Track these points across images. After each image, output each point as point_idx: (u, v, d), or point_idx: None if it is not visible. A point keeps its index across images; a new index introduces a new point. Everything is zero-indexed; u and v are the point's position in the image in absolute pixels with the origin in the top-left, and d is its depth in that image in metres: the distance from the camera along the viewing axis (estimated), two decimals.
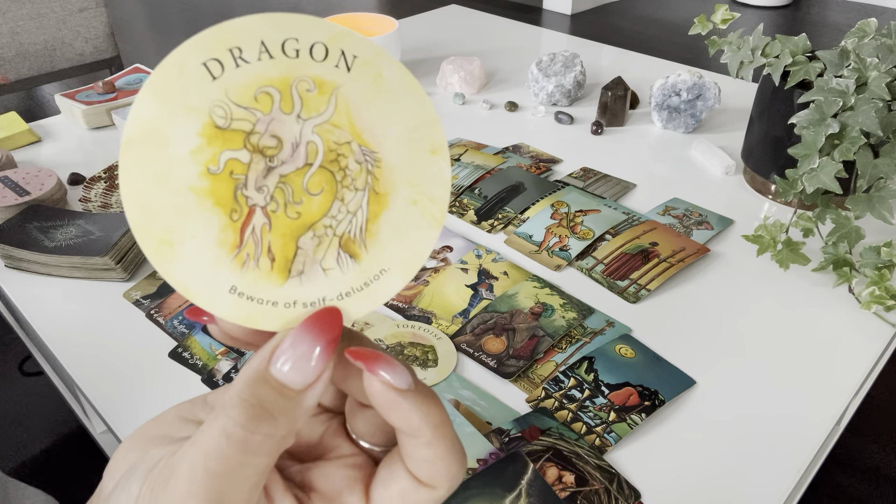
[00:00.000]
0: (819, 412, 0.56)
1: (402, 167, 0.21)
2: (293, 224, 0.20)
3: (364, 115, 0.20)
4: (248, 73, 0.19)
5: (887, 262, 0.65)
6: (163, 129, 0.19)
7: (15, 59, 2.11)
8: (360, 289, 0.21)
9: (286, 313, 0.21)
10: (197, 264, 0.20)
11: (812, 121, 0.66)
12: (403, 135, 0.20)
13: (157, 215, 0.19)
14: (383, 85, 0.20)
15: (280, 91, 0.19)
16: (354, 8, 3.50)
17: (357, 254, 0.21)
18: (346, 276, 0.21)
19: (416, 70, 1.22)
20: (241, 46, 0.18)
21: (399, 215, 0.21)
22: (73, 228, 0.70)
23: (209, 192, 0.19)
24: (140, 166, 0.19)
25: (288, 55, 0.19)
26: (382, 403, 0.21)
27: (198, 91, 0.18)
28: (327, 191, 0.20)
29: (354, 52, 0.19)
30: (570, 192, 0.82)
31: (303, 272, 0.21)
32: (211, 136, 0.19)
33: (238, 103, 0.19)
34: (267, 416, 0.19)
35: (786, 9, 3.45)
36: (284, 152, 0.20)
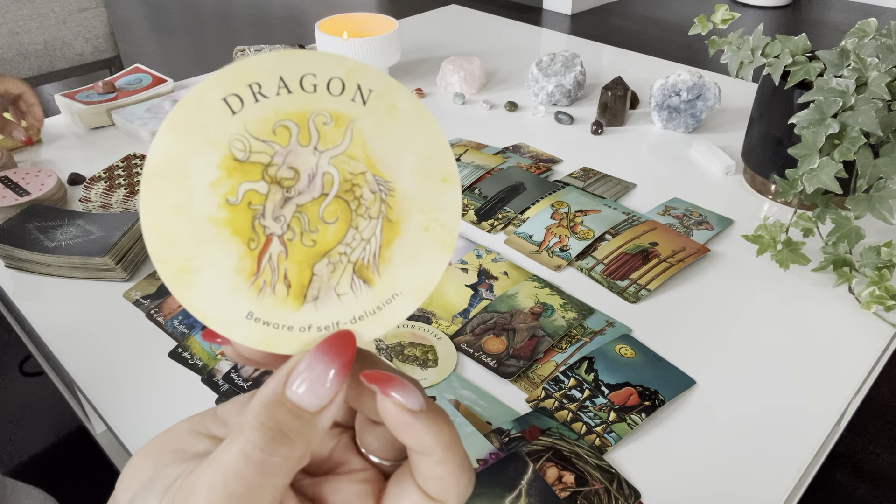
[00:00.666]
0: (819, 412, 0.56)
1: (415, 195, 0.21)
2: (309, 252, 0.21)
3: (378, 146, 0.21)
4: (267, 108, 0.19)
5: (887, 262, 0.65)
6: (183, 162, 0.19)
7: (15, 59, 2.11)
8: (373, 312, 0.22)
9: (302, 337, 0.21)
10: (215, 291, 0.20)
11: (812, 121, 0.66)
12: (416, 164, 0.21)
13: (177, 245, 0.20)
14: (397, 117, 0.21)
15: (298, 124, 0.20)
16: (354, 8, 3.50)
17: (370, 279, 0.22)
18: (360, 300, 0.22)
19: (416, 70, 1.22)
20: (260, 82, 0.19)
21: (411, 242, 0.22)
22: (73, 228, 0.70)
23: (228, 223, 0.20)
24: (160, 198, 0.19)
25: (306, 90, 0.20)
26: (395, 424, 0.21)
27: (217, 125, 0.19)
28: (342, 219, 0.21)
29: (370, 86, 0.20)
30: (570, 192, 0.82)
31: (318, 297, 0.21)
32: (230, 169, 0.20)
33: (257, 137, 0.20)
34: (284, 438, 0.20)
35: (786, 9, 3.45)
36: (301, 183, 0.20)
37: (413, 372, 0.58)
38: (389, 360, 0.59)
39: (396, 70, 1.21)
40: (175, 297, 0.21)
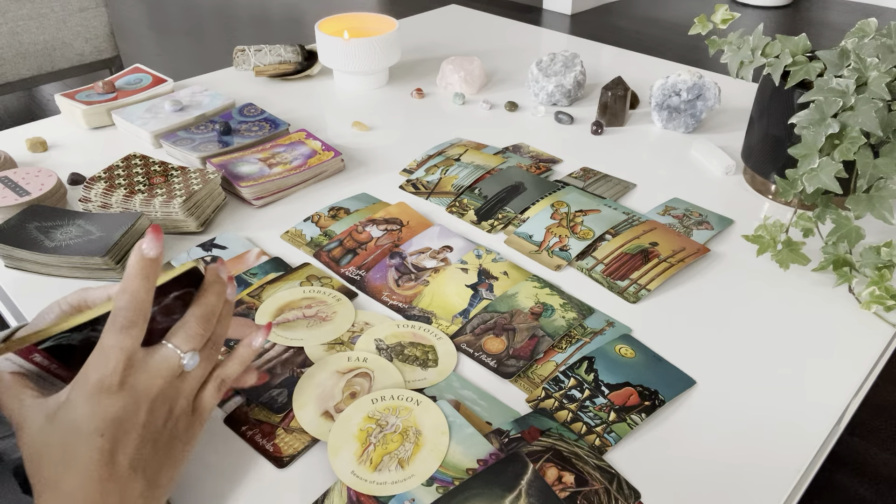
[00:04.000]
0: (819, 412, 0.56)
1: (429, 437, 0.52)
2: (383, 451, 0.51)
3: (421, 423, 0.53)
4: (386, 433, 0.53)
5: (887, 262, 0.65)
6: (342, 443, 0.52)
7: (15, 59, 2.10)
8: (402, 480, 0.49)
9: (369, 485, 0.49)
10: (345, 460, 0.50)
11: (812, 121, 0.66)
12: (437, 427, 0.53)
13: (339, 442, 0.52)
14: None
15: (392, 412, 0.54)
16: (354, 8, 3.50)
17: (403, 466, 0.50)
18: (398, 473, 0.49)
19: (416, 70, 1.22)
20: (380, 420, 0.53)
21: (424, 452, 0.51)
22: (73, 228, 0.70)
23: (357, 437, 0.52)
24: (336, 436, 0.52)
25: None
26: None
27: (357, 433, 0.52)
28: (398, 440, 0.51)
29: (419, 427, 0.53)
30: (570, 192, 0.82)
31: (381, 470, 0.49)
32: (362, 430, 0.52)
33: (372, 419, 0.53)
34: None
35: (786, 9, 3.45)
36: (389, 426, 0.52)
37: (413, 372, 0.58)
38: (389, 360, 0.59)
39: (396, 70, 1.21)
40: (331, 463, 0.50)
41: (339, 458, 0.50)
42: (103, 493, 0.39)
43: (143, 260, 0.41)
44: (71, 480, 0.39)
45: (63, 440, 0.40)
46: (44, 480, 0.39)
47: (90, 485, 0.39)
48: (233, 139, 0.92)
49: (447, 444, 0.51)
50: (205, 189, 0.78)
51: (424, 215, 0.80)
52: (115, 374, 0.40)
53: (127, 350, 0.41)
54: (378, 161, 0.93)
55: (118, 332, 0.41)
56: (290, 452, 0.51)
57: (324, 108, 1.08)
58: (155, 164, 0.81)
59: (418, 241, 0.74)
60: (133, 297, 0.41)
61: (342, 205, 0.81)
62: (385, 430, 0.52)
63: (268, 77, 1.16)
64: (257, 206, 0.82)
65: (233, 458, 0.51)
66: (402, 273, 0.70)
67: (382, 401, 0.55)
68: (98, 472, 0.39)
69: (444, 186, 0.85)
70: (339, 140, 0.98)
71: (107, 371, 0.40)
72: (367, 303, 0.67)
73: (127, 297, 0.41)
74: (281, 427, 0.53)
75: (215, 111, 1.00)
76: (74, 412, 0.40)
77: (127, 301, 0.41)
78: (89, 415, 0.40)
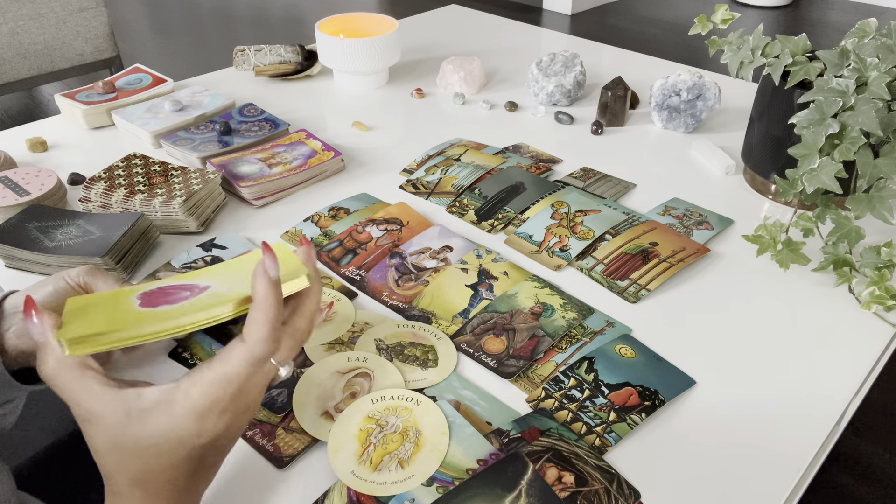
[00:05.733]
0: (819, 412, 0.56)
1: (429, 437, 0.52)
2: (383, 451, 0.51)
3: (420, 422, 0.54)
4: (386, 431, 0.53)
5: (887, 262, 0.65)
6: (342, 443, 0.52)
7: (15, 59, 2.10)
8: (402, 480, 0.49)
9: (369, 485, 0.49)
10: (345, 460, 0.50)
11: (812, 121, 0.66)
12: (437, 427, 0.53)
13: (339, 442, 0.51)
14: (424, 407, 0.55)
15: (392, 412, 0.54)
16: (354, 8, 3.50)
17: (403, 466, 0.50)
18: (398, 473, 0.49)
19: (416, 70, 1.22)
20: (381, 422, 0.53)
21: (424, 452, 0.51)
22: (73, 228, 0.70)
23: (357, 437, 0.52)
24: (336, 436, 0.52)
25: None
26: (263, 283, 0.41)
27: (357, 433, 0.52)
28: (398, 440, 0.51)
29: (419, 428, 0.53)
30: (570, 192, 0.82)
31: (381, 470, 0.49)
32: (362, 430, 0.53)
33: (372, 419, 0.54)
34: None
35: (786, 9, 3.45)
36: (389, 426, 0.52)
37: (413, 372, 0.58)
38: (389, 360, 0.59)
39: (396, 70, 1.21)
40: (330, 463, 0.50)
41: (339, 458, 0.50)
42: (186, 489, 0.41)
43: (273, 285, 0.40)
44: (159, 480, 0.40)
45: (156, 445, 0.39)
46: (128, 478, 0.39)
47: (178, 485, 0.40)
48: (233, 139, 0.92)
49: (447, 444, 0.51)
50: (205, 189, 0.78)
51: (424, 215, 0.80)
52: (228, 400, 0.40)
53: (251, 377, 0.40)
54: (378, 161, 0.93)
55: (251, 365, 0.40)
56: (290, 452, 0.51)
57: (324, 108, 1.08)
58: (155, 164, 0.81)
59: (418, 241, 0.74)
60: (271, 328, 0.40)
61: (342, 205, 0.81)
62: (385, 430, 0.52)
63: (268, 77, 1.16)
64: (257, 206, 0.82)
65: (233, 458, 0.51)
66: (402, 273, 0.70)
67: (382, 401, 0.55)
68: (187, 475, 0.41)
69: (444, 186, 0.85)
70: (339, 140, 0.98)
71: (220, 397, 0.39)
72: (367, 303, 0.67)
73: (266, 329, 0.39)
74: (281, 427, 0.53)
75: (215, 111, 1.00)
76: (175, 423, 0.39)
77: (266, 333, 0.39)
78: (193, 432, 0.39)
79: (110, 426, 0.39)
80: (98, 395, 0.39)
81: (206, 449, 0.41)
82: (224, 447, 0.43)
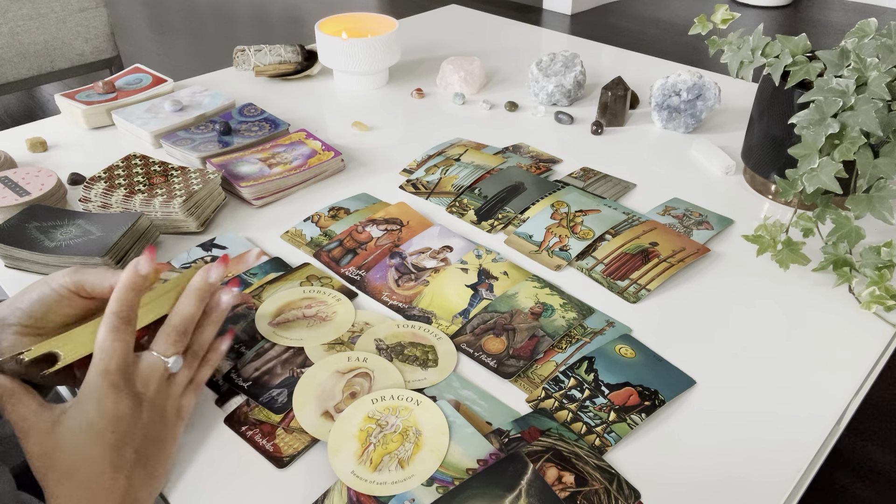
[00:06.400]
0: (819, 412, 0.56)
1: (429, 437, 0.52)
2: (383, 451, 0.50)
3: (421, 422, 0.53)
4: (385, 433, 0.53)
5: (887, 262, 0.65)
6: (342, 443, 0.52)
7: (15, 59, 2.10)
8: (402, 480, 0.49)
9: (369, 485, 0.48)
10: (345, 460, 0.50)
11: (812, 121, 0.66)
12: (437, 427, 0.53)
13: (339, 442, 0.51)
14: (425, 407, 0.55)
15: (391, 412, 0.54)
16: (354, 8, 3.50)
17: (403, 466, 0.50)
18: (398, 473, 0.49)
19: (416, 70, 1.22)
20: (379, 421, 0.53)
21: (424, 452, 0.51)
22: (73, 228, 0.70)
23: (357, 437, 0.51)
24: (336, 436, 0.52)
25: None
26: None
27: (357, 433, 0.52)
28: (398, 440, 0.51)
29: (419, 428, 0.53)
30: (570, 192, 0.82)
31: (381, 470, 0.49)
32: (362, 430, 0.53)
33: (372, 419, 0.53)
34: None
35: (786, 9, 3.45)
36: (389, 426, 0.52)
37: (413, 372, 0.58)
38: (389, 360, 0.59)
39: (396, 70, 1.21)
40: (331, 463, 0.50)
41: (339, 458, 0.50)
42: (114, 481, 0.44)
43: (135, 276, 0.49)
44: (84, 471, 0.43)
45: (74, 438, 0.43)
46: (56, 476, 0.42)
47: (103, 474, 0.43)
48: (233, 139, 0.92)
49: (447, 444, 0.51)
50: (205, 189, 0.78)
51: (424, 215, 0.80)
52: (118, 374, 0.45)
53: (120, 351, 0.46)
54: (378, 161, 0.93)
55: (108, 333, 0.46)
56: (290, 452, 0.51)
57: (324, 108, 1.08)
58: (155, 164, 0.81)
59: (418, 241, 0.74)
60: (122, 304, 0.47)
61: (342, 205, 0.81)
62: (385, 430, 0.52)
63: (268, 77, 1.16)
64: (257, 206, 0.82)
65: (233, 458, 0.51)
66: (402, 273, 0.70)
67: (382, 401, 0.55)
68: (110, 463, 0.44)
69: (444, 186, 0.85)
70: (339, 140, 0.98)
71: (110, 369, 0.45)
72: (367, 303, 0.67)
73: (116, 305, 0.47)
74: (281, 427, 0.53)
75: (215, 111, 1.00)
76: (85, 411, 0.44)
77: (116, 307, 0.47)
78: (100, 413, 0.44)
79: (40, 435, 0.43)
80: (32, 412, 0.44)
81: (119, 436, 0.44)
82: (143, 437, 0.46)
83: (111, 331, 0.46)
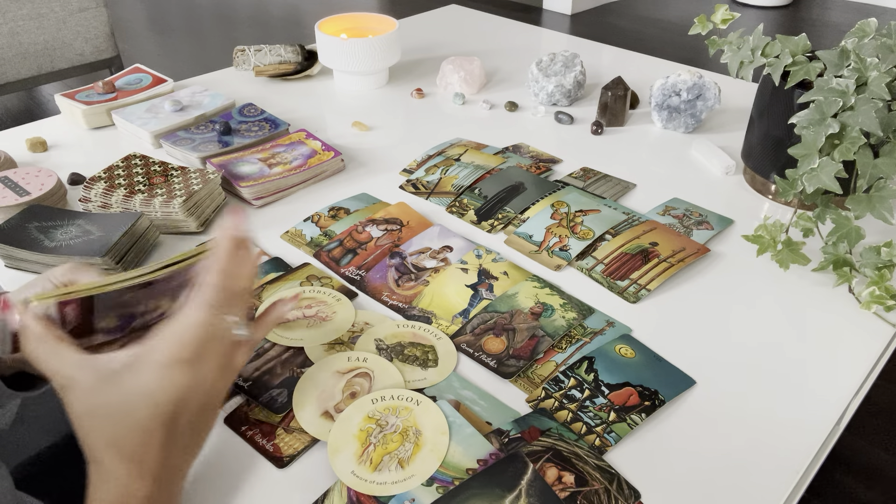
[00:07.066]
0: (819, 412, 0.56)
1: (429, 437, 0.52)
2: (383, 451, 0.51)
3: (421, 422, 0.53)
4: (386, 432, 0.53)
5: (887, 262, 0.65)
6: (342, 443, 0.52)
7: (15, 59, 2.10)
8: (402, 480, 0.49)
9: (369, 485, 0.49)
10: (345, 460, 0.50)
11: (812, 121, 0.66)
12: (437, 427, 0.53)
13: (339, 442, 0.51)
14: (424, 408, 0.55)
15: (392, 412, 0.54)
16: (354, 8, 3.50)
17: (403, 466, 0.50)
18: (398, 473, 0.49)
19: (416, 70, 1.22)
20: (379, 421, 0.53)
21: (424, 452, 0.51)
22: (73, 228, 0.70)
23: (357, 437, 0.52)
24: (336, 436, 0.52)
25: None
26: None
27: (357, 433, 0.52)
28: (399, 441, 0.51)
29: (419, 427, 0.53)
30: (570, 192, 0.82)
31: (381, 470, 0.49)
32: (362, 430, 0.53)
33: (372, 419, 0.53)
34: None
35: (786, 9, 3.45)
36: (389, 426, 0.52)
37: (413, 372, 0.58)
38: (389, 360, 0.59)
39: (396, 70, 1.21)
40: (331, 464, 0.50)
41: (339, 458, 0.50)
42: (161, 456, 0.41)
43: (235, 238, 0.43)
44: (132, 442, 0.40)
45: (127, 404, 0.40)
46: (101, 442, 0.40)
47: (153, 447, 0.41)
48: (233, 139, 0.92)
49: (447, 444, 0.51)
50: (205, 189, 0.78)
51: (424, 215, 0.80)
52: (191, 348, 0.42)
53: (210, 326, 0.42)
54: (378, 161, 0.93)
55: (206, 309, 0.42)
56: (290, 452, 0.51)
57: (324, 108, 1.08)
58: (155, 164, 0.81)
59: (418, 241, 0.74)
60: (224, 276, 0.43)
61: (342, 205, 0.81)
62: (385, 430, 0.52)
63: (268, 77, 1.16)
64: (257, 206, 0.82)
65: (233, 458, 0.51)
66: (402, 273, 0.70)
67: (382, 401, 0.55)
68: (162, 436, 0.41)
69: (444, 186, 0.85)
70: (339, 140, 0.98)
71: (184, 344, 0.41)
72: (367, 303, 0.67)
73: (217, 277, 0.42)
74: (281, 427, 0.53)
75: (215, 111, 0.99)
76: (144, 379, 0.40)
77: (217, 280, 0.42)
78: (161, 385, 0.41)
79: (84, 390, 0.40)
80: (72, 363, 0.41)
81: (176, 407, 0.41)
82: (196, 408, 0.43)
83: (208, 307, 0.42)
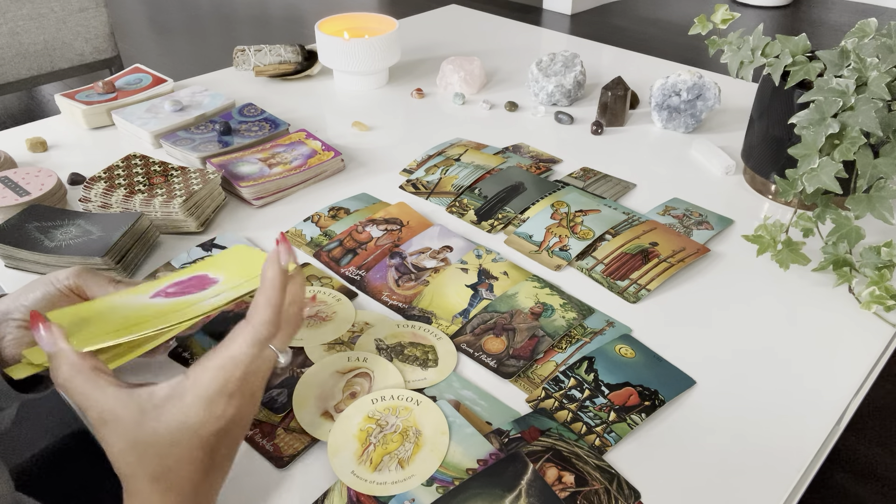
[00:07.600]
0: (819, 412, 0.56)
1: (429, 437, 0.51)
2: (383, 451, 0.50)
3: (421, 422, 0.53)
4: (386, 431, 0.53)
5: (887, 262, 0.65)
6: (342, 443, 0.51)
7: (15, 59, 2.10)
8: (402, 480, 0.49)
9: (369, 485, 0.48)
10: (345, 460, 0.50)
11: (812, 121, 0.66)
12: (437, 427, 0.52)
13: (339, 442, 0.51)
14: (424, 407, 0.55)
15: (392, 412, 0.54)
16: (354, 8, 3.50)
17: (403, 466, 0.49)
18: (398, 473, 0.49)
19: (416, 70, 1.22)
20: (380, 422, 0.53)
21: (424, 452, 0.50)
22: (73, 228, 0.70)
23: (357, 437, 0.51)
24: (336, 436, 0.51)
25: None
26: None
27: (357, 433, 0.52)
28: (398, 440, 0.51)
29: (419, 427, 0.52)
30: (570, 192, 0.82)
31: (381, 470, 0.49)
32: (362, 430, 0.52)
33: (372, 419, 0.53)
34: None
35: (786, 9, 3.45)
36: (389, 426, 0.52)
37: (413, 372, 0.58)
38: (389, 360, 0.59)
39: (396, 70, 1.21)
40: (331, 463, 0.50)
41: (339, 458, 0.50)
42: (206, 482, 0.42)
43: (283, 272, 0.45)
44: (179, 474, 0.40)
45: (172, 437, 0.40)
46: (146, 476, 0.40)
47: (197, 477, 0.41)
48: (233, 139, 0.92)
49: (447, 444, 0.51)
50: (205, 189, 0.78)
51: (424, 215, 0.80)
52: (237, 382, 0.42)
53: (257, 360, 0.43)
54: (378, 161, 0.93)
55: (257, 346, 0.43)
56: (290, 452, 0.51)
57: (324, 108, 1.08)
58: (155, 164, 0.81)
59: (418, 241, 0.74)
60: (276, 311, 0.44)
61: (342, 205, 0.81)
62: (385, 430, 0.52)
63: (268, 77, 1.16)
64: (257, 206, 0.82)
65: None
66: (402, 273, 0.70)
67: (382, 401, 0.55)
68: (206, 466, 0.41)
69: (444, 186, 0.85)
70: (339, 140, 0.98)
71: (231, 379, 0.42)
72: (367, 303, 0.67)
73: (270, 312, 0.44)
74: (281, 427, 0.53)
75: (215, 111, 0.99)
76: (189, 413, 0.41)
77: (271, 316, 0.44)
78: (207, 418, 0.41)
79: (126, 426, 0.40)
80: (112, 397, 0.40)
81: (219, 438, 0.42)
82: (235, 436, 0.44)
83: (257, 343, 0.43)
